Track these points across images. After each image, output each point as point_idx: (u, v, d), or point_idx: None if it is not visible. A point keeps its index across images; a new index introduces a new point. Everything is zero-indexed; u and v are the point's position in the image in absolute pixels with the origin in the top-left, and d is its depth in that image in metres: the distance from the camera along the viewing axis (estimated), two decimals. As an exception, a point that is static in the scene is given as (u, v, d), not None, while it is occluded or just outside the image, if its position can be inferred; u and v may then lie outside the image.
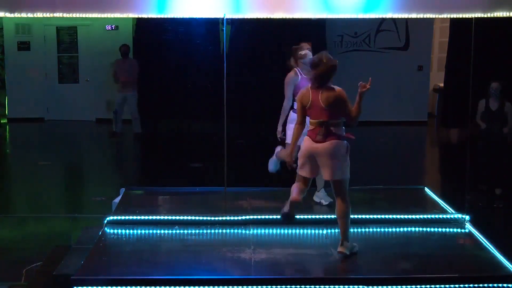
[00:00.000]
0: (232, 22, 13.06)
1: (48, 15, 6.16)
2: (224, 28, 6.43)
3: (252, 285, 5.08)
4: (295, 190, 5.57)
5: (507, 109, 8.71)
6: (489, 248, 5.76)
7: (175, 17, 6.21)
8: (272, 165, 6.89)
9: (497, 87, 8.63)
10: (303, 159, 5.56)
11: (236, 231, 6.23)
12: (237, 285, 5.07)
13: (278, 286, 5.08)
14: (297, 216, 6.35)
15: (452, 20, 12.63)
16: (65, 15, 6.15)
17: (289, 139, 6.39)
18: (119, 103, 13.00)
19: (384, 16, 6.55)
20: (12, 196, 9.61)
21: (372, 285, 5.11)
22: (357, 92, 5.45)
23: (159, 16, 6.15)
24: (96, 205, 8.48)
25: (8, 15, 6.09)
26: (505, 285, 5.14)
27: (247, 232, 6.13)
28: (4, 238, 7.26)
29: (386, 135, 14.26)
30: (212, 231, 6.25)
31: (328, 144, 5.44)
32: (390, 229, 6.28)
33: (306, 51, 6.49)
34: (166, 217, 6.42)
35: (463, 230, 6.30)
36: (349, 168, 5.59)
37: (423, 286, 5.11)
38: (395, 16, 6.54)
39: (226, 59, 6.39)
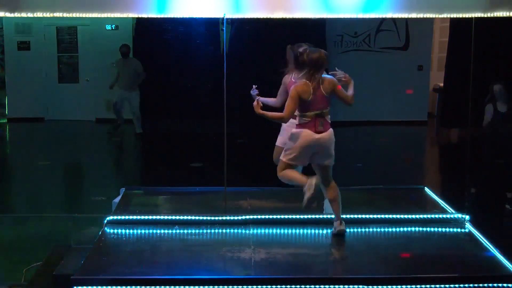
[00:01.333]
0: (232, 22, 13.06)
1: (48, 15, 6.15)
2: (224, 28, 6.43)
3: (252, 285, 5.08)
4: (298, 176, 5.80)
5: None
6: (489, 248, 5.76)
7: (175, 17, 6.21)
8: None
9: (501, 88, 8.58)
10: (301, 150, 5.72)
11: (236, 231, 6.23)
12: (237, 285, 5.07)
13: (278, 286, 5.08)
14: (297, 216, 6.38)
15: (452, 20, 12.63)
16: (65, 15, 6.14)
17: (279, 142, 6.52)
18: (119, 101, 13.01)
19: (384, 16, 6.55)
20: (12, 196, 9.61)
21: (372, 285, 5.10)
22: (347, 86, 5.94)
23: (159, 16, 6.15)
24: (96, 205, 8.48)
25: (8, 15, 6.08)
26: (505, 285, 5.14)
27: (247, 232, 6.13)
28: (4, 238, 7.26)
29: (386, 135, 14.26)
30: (212, 231, 6.25)
31: (329, 133, 5.75)
32: (390, 229, 6.29)
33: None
34: (166, 217, 6.43)
35: (463, 230, 6.31)
36: None
37: (423, 286, 5.11)
38: (395, 16, 6.54)
39: (226, 59, 6.39)
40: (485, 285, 5.13)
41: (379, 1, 6.14)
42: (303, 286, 5.07)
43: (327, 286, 5.07)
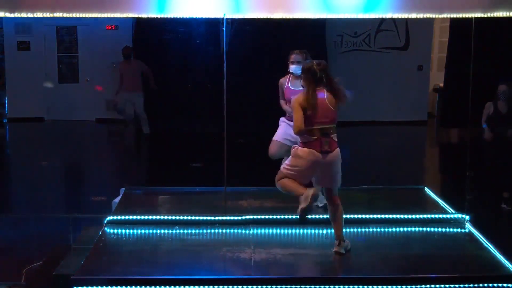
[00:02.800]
0: (232, 22, 13.06)
1: (48, 15, 6.15)
2: (224, 28, 6.44)
3: (252, 285, 5.08)
4: (296, 186, 5.49)
5: None
6: (489, 248, 5.76)
7: (175, 17, 6.21)
8: None
9: (506, 89, 8.57)
10: (303, 171, 5.47)
11: (236, 231, 6.24)
12: (237, 285, 5.08)
13: (278, 286, 5.08)
14: (297, 216, 6.38)
15: (452, 20, 12.63)
16: (65, 15, 6.15)
17: (277, 136, 6.64)
18: (123, 102, 13.01)
19: (384, 16, 6.56)
20: (12, 196, 9.61)
21: (372, 285, 5.11)
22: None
23: (159, 16, 6.16)
24: (96, 205, 8.47)
25: (8, 15, 6.09)
26: (505, 285, 5.15)
27: (247, 232, 6.13)
28: (4, 238, 7.26)
29: (386, 135, 14.26)
30: (212, 231, 6.26)
31: (336, 153, 5.47)
32: (390, 229, 6.29)
33: (293, 64, 6.50)
34: (166, 217, 6.43)
35: (463, 230, 6.31)
36: None
37: (423, 286, 5.12)
38: (395, 16, 6.55)
39: (226, 59, 6.39)
40: (485, 285, 5.13)
41: (379, 1, 6.14)
42: (303, 286, 5.07)
43: (327, 286, 5.07)
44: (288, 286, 5.08)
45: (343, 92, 5.45)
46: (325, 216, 6.30)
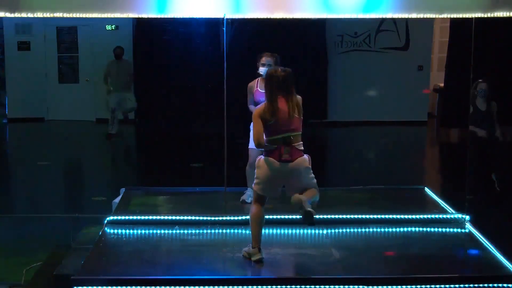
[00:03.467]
0: (232, 22, 13.06)
1: (48, 15, 6.15)
2: (224, 28, 6.44)
3: (252, 285, 5.08)
4: (257, 234, 5.41)
5: (493, 108, 8.66)
6: (489, 248, 5.76)
7: (175, 17, 6.21)
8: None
9: (485, 87, 8.58)
10: (266, 181, 5.32)
11: (236, 231, 6.24)
12: (237, 285, 5.07)
13: (278, 286, 5.08)
14: (297, 216, 6.37)
15: (452, 20, 12.63)
16: (65, 15, 6.15)
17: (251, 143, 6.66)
18: (116, 102, 13.02)
19: (384, 16, 6.55)
20: (12, 196, 9.61)
21: (372, 285, 5.11)
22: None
23: (159, 16, 6.15)
24: (96, 205, 8.47)
25: (8, 15, 6.08)
26: (505, 285, 5.15)
27: (247, 232, 6.11)
28: (4, 238, 7.25)
29: (386, 135, 14.25)
30: (212, 231, 6.26)
31: (297, 162, 5.26)
32: (390, 229, 6.29)
33: (264, 66, 6.66)
34: (166, 217, 6.43)
35: (463, 230, 6.31)
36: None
37: (423, 286, 5.11)
38: (395, 16, 6.54)
39: (227, 59, 6.39)
40: (485, 285, 5.13)
41: (379, 1, 6.14)
42: (303, 286, 5.07)
43: (327, 286, 5.07)
44: (288, 286, 5.07)
45: (300, 107, 5.35)
46: (325, 216, 6.32)
